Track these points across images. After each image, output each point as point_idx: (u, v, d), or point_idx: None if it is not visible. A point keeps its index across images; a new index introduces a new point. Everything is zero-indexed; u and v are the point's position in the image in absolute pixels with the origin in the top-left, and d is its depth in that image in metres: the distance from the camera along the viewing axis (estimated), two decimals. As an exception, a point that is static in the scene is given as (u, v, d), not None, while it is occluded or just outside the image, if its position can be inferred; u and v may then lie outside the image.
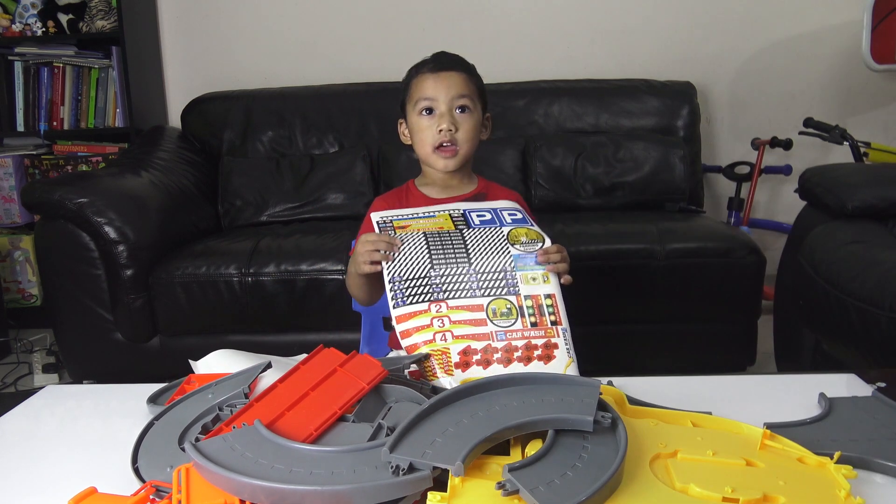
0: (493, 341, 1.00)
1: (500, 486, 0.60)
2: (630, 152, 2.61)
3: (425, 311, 1.01)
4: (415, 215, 1.12)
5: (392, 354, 1.30)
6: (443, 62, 1.26)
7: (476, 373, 0.99)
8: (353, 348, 0.85)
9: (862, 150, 2.65)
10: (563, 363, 1.01)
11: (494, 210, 1.14)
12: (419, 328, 1.00)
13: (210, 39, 3.05)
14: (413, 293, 1.02)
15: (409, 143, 1.31)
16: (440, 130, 1.23)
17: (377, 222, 1.10)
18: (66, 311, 2.23)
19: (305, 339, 2.15)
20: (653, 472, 0.65)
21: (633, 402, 0.82)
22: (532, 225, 1.12)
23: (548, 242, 1.08)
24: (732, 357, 2.20)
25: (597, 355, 2.10)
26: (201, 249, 2.26)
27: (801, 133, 2.74)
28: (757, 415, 0.79)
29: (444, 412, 0.70)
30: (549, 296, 1.05)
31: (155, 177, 2.46)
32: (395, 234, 1.08)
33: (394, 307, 1.02)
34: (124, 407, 0.94)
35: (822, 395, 0.87)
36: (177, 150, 2.71)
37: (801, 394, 0.90)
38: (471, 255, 1.05)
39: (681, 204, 2.59)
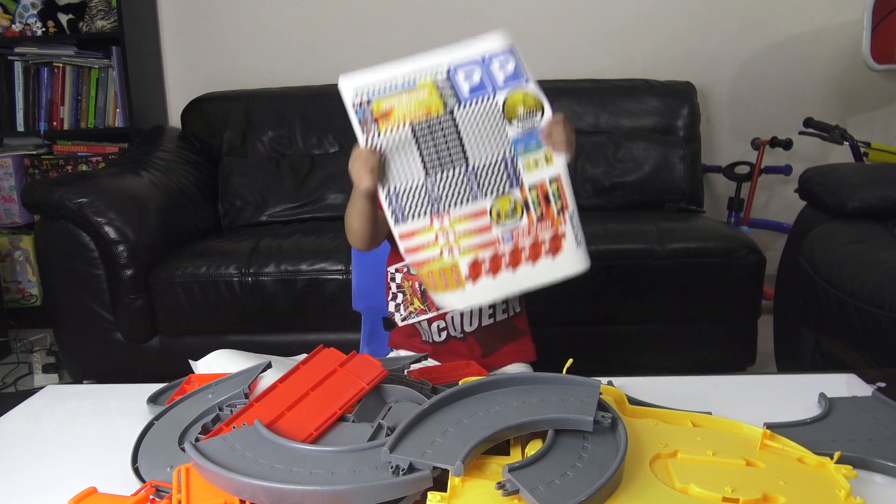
0: (500, 245, 0.99)
1: (500, 486, 0.60)
2: (630, 152, 2.62)
3: (428, 228, 0.99)
4: (393, 86, 0.96)
5: (392, 354, 1.30)
6: None
7: (487, 283, 0.99)
8: (353, 348, 0.85)
9: (862, 150, 2.65)
10: (570, 252, 1.01)
11: (483, 61, 0.97)
12: (424, 245, 0.99)
13: (210, 39, 3.05)
14: (412, 208, 0.99)
15: None
16: None
17: (353, 103, 0.96)
18: (66, 311, 2.23)
19: (305, 339, 2.15)
20: (653, 472, 0.65)
21: (633, 402, 0.82)
22: (527, 81, 0.98)
23: (547, 111, 0.98)
24: (732, 357, 2.20)
25: (597, 355, 2.13)
26: (201, 249, 2.26)
27: (801, 133, 2.74)
28: (757, 415, 0.79)
29: (444, 412, 0.70)
30: (554, 179, 0.99)
31: (155, 177, 2.46)
32: (377, 127, 0.96)
33: (394, 224, 0.99)
34: (124, 407, 0.94)
35: (822, 395, 0.87)
36: (177, 150, 2.71)
37: (801, 394, 0.90)
38: (466, 149, 0.98)
39: (681, 204, 2.59)
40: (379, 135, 0.97)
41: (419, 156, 0.98)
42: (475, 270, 0.99)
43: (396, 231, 1.00)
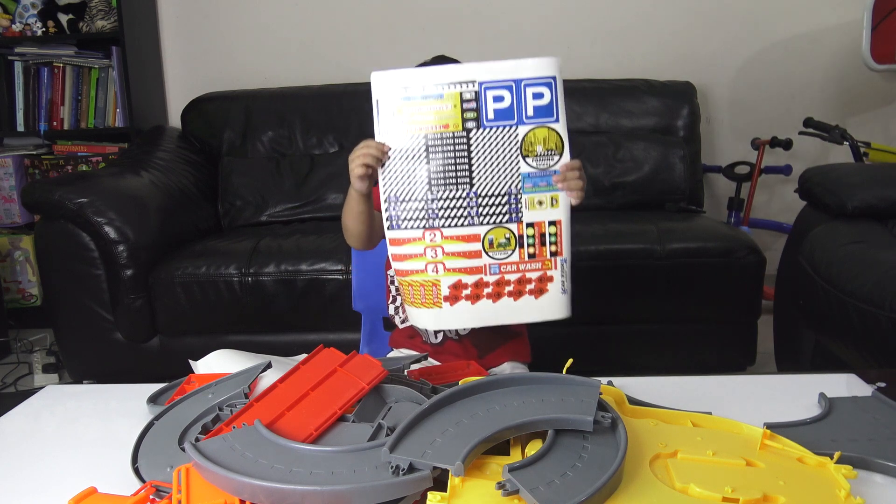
0: (486, 275, 0.99)
1: (500, 486, 0.60)
2: (630, 152, 2.62)
3: (419, 239, 0.99)
4: (421, 92, 0.97)
5: (392, 354, 1.30)
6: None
7: (464, 307, 0.99)
8: (353, 348, 0.85)
9: (862, 150, 2.65)
10: (554, 298, 1.01)
11: (518, 85, 0.96)
12: (411, 256, 1.00)
13: (210, 39, 3.05)
14: (408, 217, 0.99)
15: None
16: None
17: (377, 98, 0.98)
18: (66, 311, 2.23)
19: (305, 339, 2.15)
20: (653, 472, 0.65)
21: (633, 402, 0.82)
22: (556, 120, 0.97)
23: (566, 155, 0.98)
24: (732, 357, 2.20)
25: (597, 355, 2.13)
26: (201, 249, 2.26)
27: (801, 133, 2.74)
28: (757, 415, 0.79)
29: (444, 412, 0.70)
30: (553, 223, 0.99)
31: (155, 177, 2.46)
32: (395, 129, 0.98)
33: (388, 229, 1.00)
34: (124, 407, 0.94)
35: (822, 395, 0.87)
36: (177, 150, 2.71)
37: (801, 394, 0.90)
38: (474, 174, 0.97)
39: (681, 204, 2.59)
40: (394, 135, 0.98)
41: (426, 168, 0.98)
42: (455, 292, 0.99)
43: (388, 235, 1.01)
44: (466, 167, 0.98)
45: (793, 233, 2.00)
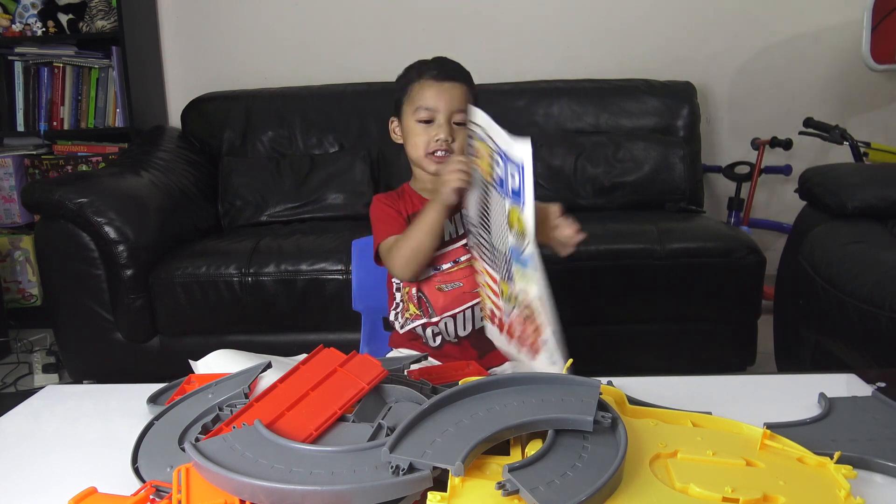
0: (502, 315, 1.06)
1: (500, 486, 0.60)
2: (630, 152, 2.62)
3: (475, 259, 1.14)
4: (483, 133, 1.02)
5: (392, 354, 1.30)
6: (447, 71, 1.25)
7: (495, 330, 1.08)
8: (353, 348, 0.85)
9: (862, 150, 2.65)
10: (545, 363, 0.95)
11: (505, 160, 0.94)
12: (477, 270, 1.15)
13: (210, 39, 3.05)
14: (472, 232, 1.14)
15: (401, 141, 1.31)
16: (437, 139, 1.22)
17: (474, 124, 1.06)
18: (66, 311, 2.23)
19: (305, 339, 2.15)
20: (653, 472, 0.65)
21: (633, 402, 0.82)
22: (523, 205, 0.90)
23: (529, 246, 0.90)
24: (732, 357, 2.20)
25: (597, 355, 2.13)
26: (201, 249, 2.26)
27: (801, 133, 2.74)
28: (757, 415, 0.79)
29: (444, 412, 0.70)
30: (527, 306, 0.93)
31: (155, 177, 2.46)
32: (476, 156, 1.08)
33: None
34: (124, 407, 0.94)
35: (822, 395, 0.87)
36: (177, 150, 2.72)
37: (801, 394, 0.90)
38: (491, 228, 1.04)
39: (681, 204, 2.59)
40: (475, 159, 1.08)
41: (480, 203, 1.08)
42: (490, 315, 1.09)
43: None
44: (488, 216, 1.05)
45: (793, 233, 2.00)
